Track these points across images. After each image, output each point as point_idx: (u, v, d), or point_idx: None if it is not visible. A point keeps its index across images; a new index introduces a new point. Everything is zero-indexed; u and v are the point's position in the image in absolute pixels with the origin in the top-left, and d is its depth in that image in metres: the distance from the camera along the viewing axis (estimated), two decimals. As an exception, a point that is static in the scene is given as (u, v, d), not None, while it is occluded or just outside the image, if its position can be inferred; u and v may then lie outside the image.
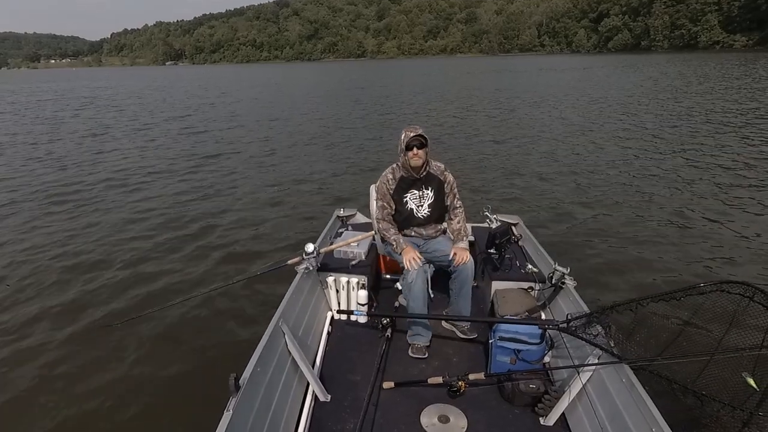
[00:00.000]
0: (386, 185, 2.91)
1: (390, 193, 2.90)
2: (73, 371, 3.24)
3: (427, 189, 2.92)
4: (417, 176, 2.87)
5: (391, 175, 2.91)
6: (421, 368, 2.69)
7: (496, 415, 2.31)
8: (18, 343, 3.58)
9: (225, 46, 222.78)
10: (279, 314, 2.48)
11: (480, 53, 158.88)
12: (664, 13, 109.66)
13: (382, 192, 2.93)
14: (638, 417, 1.87)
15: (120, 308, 4.01)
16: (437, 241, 2.99)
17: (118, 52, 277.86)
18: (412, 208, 2.92)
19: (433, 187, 2.92)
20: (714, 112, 14.45)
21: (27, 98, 30.96)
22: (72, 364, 3.31)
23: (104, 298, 4.21)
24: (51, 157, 10.74)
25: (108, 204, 7.08)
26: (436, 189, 2.93)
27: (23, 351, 3.48)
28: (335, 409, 2.37)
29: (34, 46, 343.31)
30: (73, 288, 4.43)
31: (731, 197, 6.64)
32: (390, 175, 2.92)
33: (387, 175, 2.93)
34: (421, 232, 2.98)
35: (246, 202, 7.12)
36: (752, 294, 1.80)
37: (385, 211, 2.93)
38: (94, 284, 4.48)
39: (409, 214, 2.94)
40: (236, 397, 1.85)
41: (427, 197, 2.93)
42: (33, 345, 3.55)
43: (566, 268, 2.84)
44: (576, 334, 2.28)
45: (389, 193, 2.90)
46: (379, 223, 2.97)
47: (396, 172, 2.91)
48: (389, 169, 2.95)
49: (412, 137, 2.74)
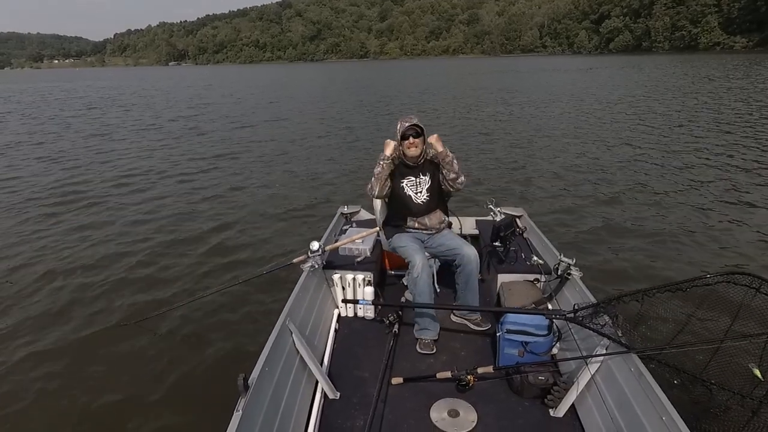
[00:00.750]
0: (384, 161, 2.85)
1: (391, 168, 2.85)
2: (81, 371, 3.24)
3: (424, 175, 2.91)
4: (414, 164, 2.88)
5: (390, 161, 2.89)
6: (429, 363, 2.69)
7: (505, 408, 2.32)
8: (20, 341, 3.59)
9: (228, 47, 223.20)
10: (286, 313, 2.48)
11: (482, 54, 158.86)
12: (664, 15, 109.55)
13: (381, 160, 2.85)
14: (647, 406, 1.88)
15: (128, 310, 4.00)
16: (442, 236, 2.99)
17: (122, 53, 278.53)
18: (410, 195, 2.91)
19: (429, 171, 2.91)
20: (721, 111, 14.45)
21: (31, 98, 31.06)
22: (80, 364, 3.31)
23: (112, 300, 4.21)
24: (53, 157, 10.75)
25: (112, 204, 7.05)
26: (432, 172, 2.92)
27: (26, 350, 3.49)
28: (344, 407, 2.36)
29: (37, 46, 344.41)
30: (80, 290, 4.40)
31: (737, 191, 6.68)
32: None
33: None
34: (425, 222, 2.96)
35: (250, 201, 7.12)
36: (759, 285, 1.80)
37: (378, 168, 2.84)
38: (101, 286, 4.46)
39: (407, 200, 2.92)
40: (245, 397, 1.84)
41: (424, 183, 2.91)
42: (37, 345, 3.54)
43: (572, 259, 2.84)
44: (583, 323, 2.29)
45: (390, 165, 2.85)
46: (373, 178, 2.87)
47: (394, 159, 2.90)
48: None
49: (408, 127, 2.74)
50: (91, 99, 28.63)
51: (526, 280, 3.10)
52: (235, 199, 7.23)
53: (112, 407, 2.89)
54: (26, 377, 3.20)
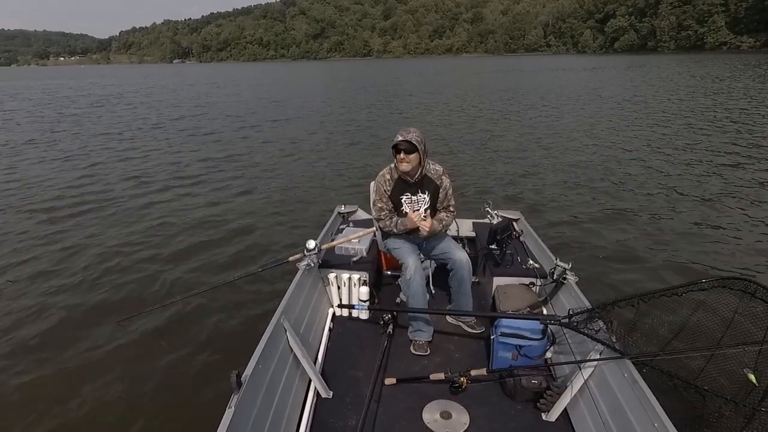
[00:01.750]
0: (383, 186, 2.86)
1: (387, 194, 2.86)
2: (74, 368, 3.23)
3: (423, 193, 2.85)
4: (411, 180, 2.80)
5: (389, 175, 2.85)
6: (423, 364, 2.69)
7: (498, 411, 2.32)
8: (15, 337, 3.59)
9: (232, 45, 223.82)
10: (280, 311, 2.48)
11: (485, 53, 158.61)
12: (670, 14, 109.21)
13: (380, 192, 2.87)
14: (640, 412, 1.87)
15: (121, 306, 3.99)
16: (436, 238, 2.98)
17: (127, 50, 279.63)
18: (407, 213, 2.86)
19: (429, 190, 2.85)
20: (729, 110, 14.38)
21: (41, 95, 31.14)
22: (73, 361, 3.30)
23: (105, 296, 4.20)
24: (54, 154, 10.79)
25: (109, 203, 6.98)
26: (432, 193, 2.86)
27: (21, 345, 3.49)
28: (337, 406, 2.37)
29: (43, 43, 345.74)
30: (74, 287, 4.39)
31: (739, 195, 6.63)
32: (387, 174, 2.86)
33: (384, 175, 2.86)
34: (419, 233, 2.91)
35: (248, 198, 7.11)
36: (754, 290, 1.78)
37: (383, 213, 2.88)
38: (94, 282, 4.44)
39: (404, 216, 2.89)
40: (238, 394, 1.84)
41: (423, 201, 2.86)
42: (29, 341, 3.54)
43: (567, 264, 2.83)
44: (578, 329, 2.29)
45: (387, 194, 2.86)
46: (378, 222, 2.95)
47: (393, 172, 2.84)
48: (387, 168, 2.89)
49: (399, 141, 2.66)
50: (96, 98, 28.69)
51: (521, 283, 3.09)
52: (231, 196, 7.23)
53: (103, 404, 2.88)
54: (16, 375, 3.17)
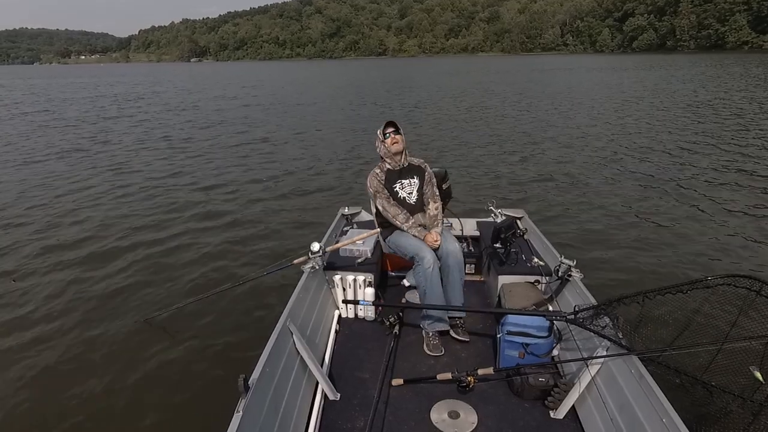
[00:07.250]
0: (377, 179, 3.06)
1: (383, 184, 3.05)
2: (81, 371, 3.24)
3: (412, 178, 3.10)
4: (401, 166, 3.05)
5: (379, 170, 3.08)
6: (430, 365, 2.70)
7: (505, 410, 2.32)
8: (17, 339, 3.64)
9: (248, 44, 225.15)
10: (286, 314, 2.48)
11: (501, 52, 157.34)
12: (690, 13, 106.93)
13: (375, 187, 3.06)
14: (648, 408, 1.87)
15: (126, 310, 3.99)
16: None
17: (145, 49, 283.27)
18: (404, 196, 3.07)
19: (417, 175, 3.11)
20: (742, 114, 14.09)
21: (63, 94, 31.64)
22: (81, 365, 3.32)
23: (109, 301, 4.18)
24: (55, 152, 10.86)
25: (109, 204, 6.95)
26: (420, 177, 3.12)
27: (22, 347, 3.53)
28: (345, 408, 2.37)
29: (65, 42, 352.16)
30: (76, 291, 4.37)
31: (742, 195, 6.58)
32: (377, 170, 3.08)
33: (375, 171, 3.09)
34: (420, 219, 3.06)
35: (252, 202, 7.04)
36: (759, 288, 1.78)
37: (387, 202, 3.05)
38: (98, 288, 4.41)
39: (402, 202, 3.06)
40: (246, 398, 1.84)
41: (414, 185, 3.10)
42: (30, 346, 3.55)
43: (572, 261, 2.82)
44: (584, 325, 2.29)
45: (382, 184, 3.05)
46: (387, 212, 3.03)
47: (382, 167, 3.08)
48: (373, 171, 3.11)
49: (387, 124, 3.01)
50: (117, 96, 29.06)
51: (526, 281, 3.09)
52: (236, 199, 7.15)
53: (109, 406, 2.91)
54: (23, 373, 3.22)
